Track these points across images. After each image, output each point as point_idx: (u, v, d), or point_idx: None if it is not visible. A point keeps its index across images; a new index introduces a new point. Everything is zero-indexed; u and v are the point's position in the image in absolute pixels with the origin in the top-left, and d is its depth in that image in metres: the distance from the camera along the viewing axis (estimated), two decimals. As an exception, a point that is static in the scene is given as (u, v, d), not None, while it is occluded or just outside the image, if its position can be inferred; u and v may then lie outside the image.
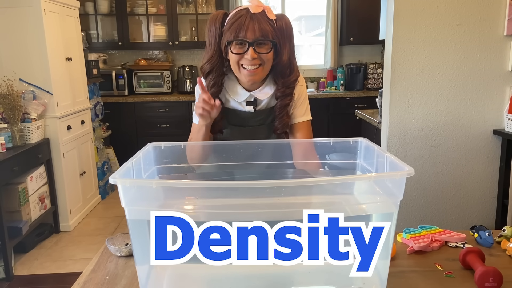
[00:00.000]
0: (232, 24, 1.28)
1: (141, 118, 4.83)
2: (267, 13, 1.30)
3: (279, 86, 1.38)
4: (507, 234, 1.27)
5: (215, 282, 1.02)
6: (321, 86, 5.25)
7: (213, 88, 1.36)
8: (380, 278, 1.00)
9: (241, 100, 1.40)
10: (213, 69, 1.36)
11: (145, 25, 4.99)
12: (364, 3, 4.90)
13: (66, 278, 2.74)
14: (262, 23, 1.27)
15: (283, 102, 1.39)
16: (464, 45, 2.36)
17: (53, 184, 3.37)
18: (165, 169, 1.24)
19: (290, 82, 1.38)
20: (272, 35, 1.29)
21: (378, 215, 1.02)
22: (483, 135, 2.46)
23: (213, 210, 0.97)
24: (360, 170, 1.26)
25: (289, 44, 1.34)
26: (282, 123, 1.40)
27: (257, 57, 1.29)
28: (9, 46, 3.18)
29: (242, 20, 1.27)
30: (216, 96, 1.37)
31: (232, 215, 0.95)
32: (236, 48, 1.29)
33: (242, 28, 1.26)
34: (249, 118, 1.42)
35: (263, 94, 1.40)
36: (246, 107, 1.41)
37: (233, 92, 1.40)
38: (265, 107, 1.42)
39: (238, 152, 1.28)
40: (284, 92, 1.38)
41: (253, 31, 1.26)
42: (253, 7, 1.28)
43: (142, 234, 0.97)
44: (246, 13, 1.28)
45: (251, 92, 1.39)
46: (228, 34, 1.29)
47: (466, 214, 2.55)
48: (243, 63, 1.31)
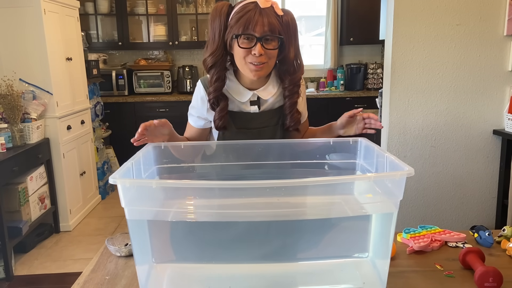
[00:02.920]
0: (240, 18, 1.25)
1: (141, 118, 4.80)
2: (275, 8, 1.27)
3: (286, 84, 1.37)
4: (507, 234, 1.27)
5: (215, 282, 1.02)
6: (321, 86, 5.25)
7: (216, 83, 1.34)
8: (380, 278, 1.00)
9: (244, 100, 1.37)
10: (217, 63, 1.32)
11: (145, 25, 4.99)
12: (364, 3, 4.89)
13: (66, 278, 2.74)
14: (271, 18, 1.25)
15: (292, 100, 1.38)
16: (464, 45, 2.36)
17: (53, 184, 3.37)
18: (165, 169, 1.24)
19: (297, 80, 1.37)
20: (279, 31, 1.27)
21: (378, 215, 1.02)
22: (483, 135, 2.46)
23: (213, 210, 0.97)
24: (360, 170, 1.26)
25: (294, 40, 1.32)
26: (294, 121, 1.39)
27: (264, 53, 1.26)
28: (9, 46, 3.18)
29: (251, 15, 1.24)
30: (221, 91, 1.35)
31: (232, 215, 0.95)
32: (243, 43, 1.26)
33: (251, 23, 1.23)
34: (253, 119, 1.39)
35: (267, 93, 1.38)
36: (251, 108, 1.38)
37: (236, 93, 1.38)
38: (270, 108, 1.40)
39: (240, 152, 1.28)
40: (292, 90, 1.37)
41: (262, 26, 1.24)
42: (262, 2, 1.25)
43: (142, 234, 0.97)
44: (255, 7, 1.25)
45: (254, 91, 1.37)
46: (236, 28, 1.26)
47: (466, 214, 2.55)
48: (248, 58, 1.28)
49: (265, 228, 1.02)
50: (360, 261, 1.07)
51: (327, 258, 1.06)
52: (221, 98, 1.35)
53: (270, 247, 1.02)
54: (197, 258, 1.05)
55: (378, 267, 1.03)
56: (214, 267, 1.05)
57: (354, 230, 1.04)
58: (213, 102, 1.35)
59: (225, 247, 1.02)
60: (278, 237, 1.03)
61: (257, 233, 1.01)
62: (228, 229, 1.01)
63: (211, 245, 1.03)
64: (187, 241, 1.02)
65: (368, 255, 1.07)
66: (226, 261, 1.05)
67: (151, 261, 1.02)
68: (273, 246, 1.02)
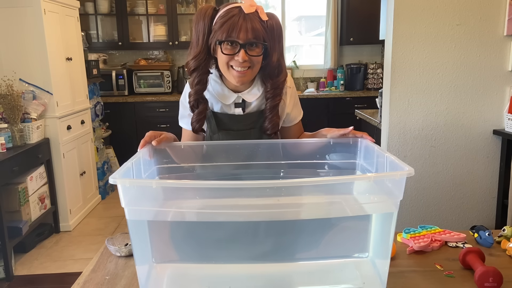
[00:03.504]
0: (223, 23, 1.23)
1: (141, 118, 4.82)
2: (259, 13, 1.25)
3: (268, 88, 1.35)
4: (507, 234, 1.27)
5: (215, 282, 1.02)
6: (321, 86, 5.25)
7: (197, 86, 1.33)
8: (380, 278, 1.00)
9: (229, 103, 1.36)
10: (199, 67, 1.31)
11: (145, 25, 4.99)
12: (364, 3, 4.90)
13: (66, 278, 2.74)
14: (255, 24, 1.23)
15: (273, 103, 1.36)
16: (464, 45, 2.36)
17: (53, 184, 3.37)
18: (165, 169, 1.24)
19: (279, 83, 1.35)
20: (264, 36, 1.26)
21: (378, 215, 1.02)
22: (483, 135, 2.46)
23: (213, 210, 0.97)
24: (360, 170, 1.26)
25: (278, 44, 1.31)
26: (272, 124, 1.36)
27: (248, 60, 1.25)
28: (9, 46, 3.18)
29: (235, 20, 1.22)
30: (201, 94, 1.34)
31: (232, 215, 0.95)
32: (227, 49, 1.25)
33: (235, 29, 1.22)
34: (238, 121, 1.38)
35: (251, 96, 1.37)
36: (235, 110, 1.37)
37: (220, 95, 1.37)
38: (255, 110, 1.39)
39: (240, 152, 1.28)
40: (273, 93, 1.35)
41: (246, 32, 1.22)
42: (247, 7, 1.23)
43: (142, 234, 0.97)
44: (239, 12, 1.23)
45: (238, 94, 1.36)
46: (219, 33, 1.24)
47: (466, 214, 2.55)
48: (232, 64, 1.27)
49: (265, 228, 1.02)
50: (360, 261, 1.07)
51: (327, 258, 1.06)
52: (200, 101, 1.34)
53: (270, 247, 1.02)
54: (197, 258, 1.05)
55: (378, 267, 1.03)
56: (214, 267, 1.05)
57: (354, 230, 1.04)
58: (192, 104, 1.35)
59: (225, 247, 1.02)
60: (278, 237, 1.03)
61: (257, 233, 1.01)
62: (228, 229, 1.01)
63: (211, 245, 1.03)
64: (187, 241, 1.02)
65: (368, 255, 1.07)
66: (226, 261, 1.05)
67: (151, 261, 1.02)
68: (273, 246, 1.02)
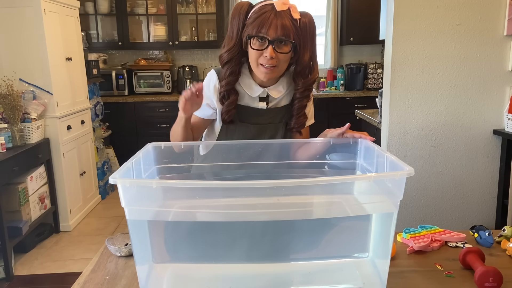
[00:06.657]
0: (255, 19, 1.27)
1: (141, 118, 4.82)
2: (292, 11, 1.28)
3: (298, 87, 1.38)
4: (507, 234, 1.27)
5: (215, 282, 1.02)
6: (321, 86, 5.25)
7: (230, 77, 1.36)
8: (380, 278, 1.00)
9: (255, 95, 1.39)
10: (232, 59, 1.34)
11: (145, 25, 4.99)
12: (364, 3, 4.89)
13: (66, 278, 2.74)
14: (285, 22, 1.25)
15: (301, 103, 1.39)
16: (464, 45, 2.36)
17: (53, 184, 3.37)
18: (165, 169, 1.24)
19: (310, 83, 1.38)
20: (293, 35, 1.28)
21: (378, 215, 1.02)
22: (483, 135, 2.46)
23: (213, 210, 0.97)
24: (360, 170, 1.26)
25: (311, 44, 1.33)
26: (299, 123, 1.41)
27: (275, 57, 1.27)
28: (9, 46, 3.18)
29: (266, 16, 1.25)
30: (233, 85, 1.36)
31: (232, 215, 0.95)
32: (256, 44, 1.28)
33: (265, 25, 1.25)
34: (259, 115, 1.41)
35: (277, 92, 1.39)
36: (259, 104, 1.40)
37: (247, 87, 1.39)
38: (276, 106, 1.42)
39: (240, 152, 1.28)
40: (303, 94, 1.38)
41: (275, 29, 1.25)
42: (279, 4, 1.26)
43: (142, 234, 0.97)
44: (271, 9, 1.26)
45: (265, 88, 1.39)
46: (251, 28, 1.28)
47: (466, 214, 2.55)
48: (261, 62, 1.29)
49: (265, 228, 1.02)
50: (360, 261, 1.07)
51: (327, 258, 1.06)
52: (232, 92, 1.37)
53: (270, 247, 1.02)
54: (197, 258, 1.05)
55: (378, 267, 1.03)
56: (214, 267, 1.05)
57: (354, 230, 1.04)
58: (223, 95, 1.37)
59: (225, 247, 1.02)
60: (278, 237, 1.03)
61: (257, 233, 1.01)
62: (228, 229, 1.01)
63: (211, 245, 1.03)
64: (187, 241, 1.02)
65: (368, 255, 1.07)
66: (226, 261, 1.05)
67: (151, 261, 1.02)
68: (273, 246, 1.02)
